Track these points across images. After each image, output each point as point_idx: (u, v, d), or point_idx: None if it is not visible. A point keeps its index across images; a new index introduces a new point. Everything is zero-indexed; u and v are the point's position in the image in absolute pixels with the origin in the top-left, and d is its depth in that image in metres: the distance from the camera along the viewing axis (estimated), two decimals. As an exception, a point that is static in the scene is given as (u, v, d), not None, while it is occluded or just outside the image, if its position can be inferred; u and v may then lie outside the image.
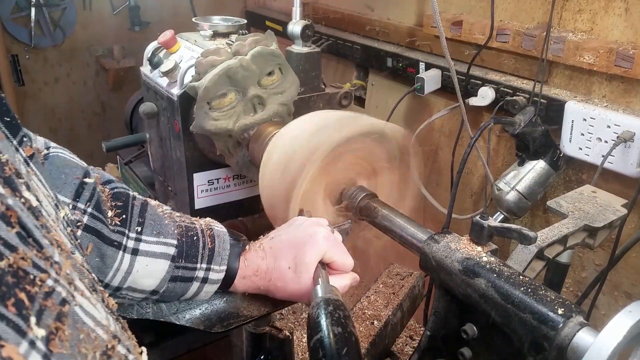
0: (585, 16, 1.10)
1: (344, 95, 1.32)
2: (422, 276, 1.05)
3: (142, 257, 0.67)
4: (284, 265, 0.74)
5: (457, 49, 1.35)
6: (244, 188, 1.30)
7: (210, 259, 0.72)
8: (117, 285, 0.67)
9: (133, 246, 0.67)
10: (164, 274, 0.69)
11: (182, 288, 0.71)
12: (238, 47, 1.08)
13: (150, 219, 0.69)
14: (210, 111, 1.07)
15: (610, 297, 1.17)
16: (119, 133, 1.68)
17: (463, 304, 0.68)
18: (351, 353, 0.55)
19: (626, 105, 1.06)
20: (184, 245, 0.70)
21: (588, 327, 0.55)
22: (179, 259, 0.70)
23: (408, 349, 0.98)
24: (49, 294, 0.34)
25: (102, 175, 0.71)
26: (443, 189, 1.51)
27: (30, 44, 1.97)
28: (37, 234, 0.36)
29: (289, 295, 0.75)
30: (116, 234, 0.66)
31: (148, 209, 0.70)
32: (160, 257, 0.68)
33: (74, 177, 0.64)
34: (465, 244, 0.70)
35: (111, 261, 0.65)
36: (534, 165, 1.16)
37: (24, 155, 0.48)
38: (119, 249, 0.66)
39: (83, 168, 0.67)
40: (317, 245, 0.73)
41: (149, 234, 0.68)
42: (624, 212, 0.91)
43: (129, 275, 0.67)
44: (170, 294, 0.71)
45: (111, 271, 0.65)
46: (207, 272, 0.72)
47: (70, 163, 0.65)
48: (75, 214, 0.62)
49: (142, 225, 0.68)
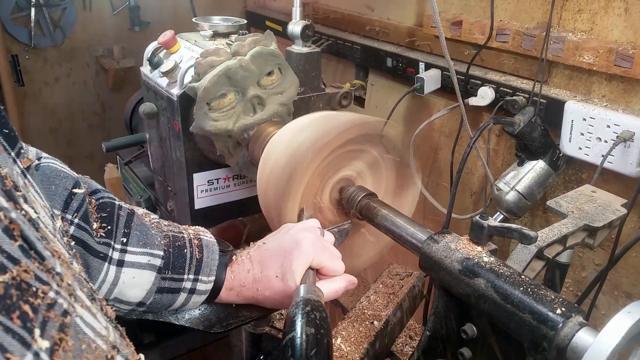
0: (585, 16, 1.10)
1: (344, 95, 1.32)
2: (422, 276, 1.05)
3: (127, 268, 0.67)
4: (271, 274, 0.73)
5: (456, 49, 1.35)
6: (244, 188, 1.30)
7: (198, 269, 0.71)
8: (104, 297, 0.66)
9: (119, 257, 0.66)
10: (150, 285, 0.68)
11: (169, 299, 0.70)
12: (237, 48, 1.08)
13: (136, 229, 0.69)
14: (210, 112, 1.07)
15: (610, 297, 1.17)
16: (119, 133, 1.68)
17: (463, 304, 0.68)
18: (320, 355, 0.55)
19: (626, 105, 1.06)
20: (171, 256, 0.70)
21: (588, 327, 0.55)
22: (165, 270, 0.69)
23: (408, 349, 0.98)
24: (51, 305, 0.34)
25: (89, 185, 0.70)
26: (443, 189, 1.51)
27: (30, 44, 1.97)
28: (39, 246, 0.37)
29: (278, 303, 0.75)
30: (102, 245, 0.65)
31: (134, 219, 0.70)
32: (146, 267, 0.68)
33: (64, 188, 0.64)
34: (465, 244, 0.70)
35: (97, 273, 0.65)
36: (533, 165, 1.16)
37: (21, 167, 0.49)
38: (105, 261, 0.65)
39: (73, 178, 0.66)
40: (304, 253, 0.72)
41: (134, 245, 0.68)
42: (623, 211, 0.91)
43: (115, 287, 0.66)
44: (157, 305, 0.70)
45: (97, 283, 0.65)
46: (194, 283, 0.71)
47: (61, 173, 0.65)
48: (64, 225, 0.62)
49: (127, 236, 0.67)
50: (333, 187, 0.99)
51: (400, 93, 1.49)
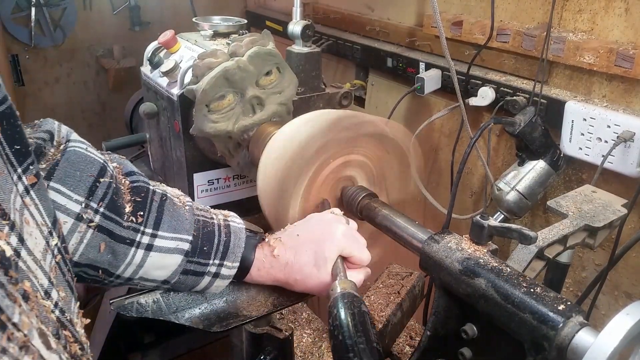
0: (585, 16, 1.10)
1: (344, 95, 1.32)
2: (422, 276, 1.05)
3: (156, 252, 0.68)
4: (304, 260, 0.76)
5: (457, 49, 1.35)
6: (244, 188, 1.30)
7: (223, 255, 0.73)
8: (129, 277, 0.68)
9: (148, 242, 0.68)
10: (176, 267, 0.70)
11: (193, 281, 0.72)
12: (235, 48, 1.08)
13: (167, 214, 0.70)
14: (209, 114, 1.07)
15: (610, 297, 1.17)
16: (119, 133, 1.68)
17: (463, 304, 0.68)
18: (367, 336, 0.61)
19: (626, 105, 1.06)
20: (199, 241, 0.71)
21: (588, 327, 0.55)
22: (192, 254, 0.71)
23: (408, 349, 0.98)
24: None
25: (124, 166, 0.71)
26: (443, 189, 1.51)
27: (30, 44, 1.97)
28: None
29: (307, 289, 0.78)
30: (130, 230, 0.66)
31: (167, 203, 0.71)
32: (174, 252, 0.69)
33: (88, 175, 0.64)
34: (465, 244, 0.70)
35: (123, 257, 0.66)
36: (534, 165, 1.16)
37: (26, 183, 0.49)
38: (132, 246, 0.67)
39: (99, 164, 0.66)
40: (337, 242, 0.77)
41: (165, 230, 0.69)
42: (624, 212, 0.91)
43: (141, 269, 0.68)
44: (181, 285, 0.72)
45: (123, 265, 0.67)
46: (219, 268, 0.73)
47: (87, 159, 0.65)
48: (88, 213, 0.63)
49: (159, 221, 0.69)
50: (334, 186, 0.99)
51: (401, 93, 1.49)
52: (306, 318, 1.03)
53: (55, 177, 0.61)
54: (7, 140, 0.48)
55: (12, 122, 0.49)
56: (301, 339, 0.97)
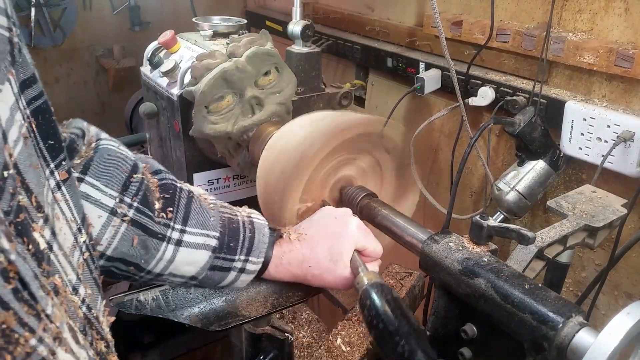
0: (585, 16, 1.10)
1: (344, 95, 1.32)
2: (422, 276, 1.05)
3: (185, 248, 0.69)
4: (321, 255, 0.77)
5: (457, 49, 1.35)
6: (244, 188, 1.30)
7: (249, 251, 0.74)
8: (159, 272, 0.69)
9: (177, 237, 0.69)
10: (204, 263, 0.71)
11: (219, 276, 0.73)
12: (233, 49, 1.08)
13: (195, 211, 0.71)
14: (209, 115, 1.07)
15: (610, 297, 1.16)
16: (119, 133, 1.68)
17: (463, 304, 0.68)
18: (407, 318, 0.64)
19: (626, 105, 1.06)
20: (226, 237, 0.72)
21: (588, 327, 0.55)
22: (219, 250, 0.72)
23: (408, 349, 0.98)
24: (29, 354, 0.35)
25: (151, 165, 0.72)
26: (443, 189, 1.51)
27: (30, 44, 1.97)
28: (33, 286, 0.37)
29: (324, 283, 0.78)
30: (161, 226, 0.67)
31: (193, 200, 0.72)
32: (202, 247, 0.70)
33: (122, 171, 0.65)
34: (465, 244, 0.70)
35: (155, 252, 0.67)
36: (533, 165, 1.16)
37: (58, 179, 0.49)
38: (163, 241, 0.68)
39: (131, 161, 0.68)
40: (352, 235, 0.78)
41: (193, 226, 0.70)
42: (624, 212, 0.91)
43: (171, 264, 0.69)
44: (208, 281, 0.73)
45: (154, 260, 0.68)
46: (245, 263, 0.74)
47: (119, 156, 0.66)
48: (122, 208, 0.64)
49: (187, 217, 0.70)
50: (333, 186, 0.99)
51: (401, 93, 1.49)
52: (306, 318, 1.03)
53: (90, 172, 0.62)
54: (41, 135, 0.48)
55: (47, 117, 0.49)
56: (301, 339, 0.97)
